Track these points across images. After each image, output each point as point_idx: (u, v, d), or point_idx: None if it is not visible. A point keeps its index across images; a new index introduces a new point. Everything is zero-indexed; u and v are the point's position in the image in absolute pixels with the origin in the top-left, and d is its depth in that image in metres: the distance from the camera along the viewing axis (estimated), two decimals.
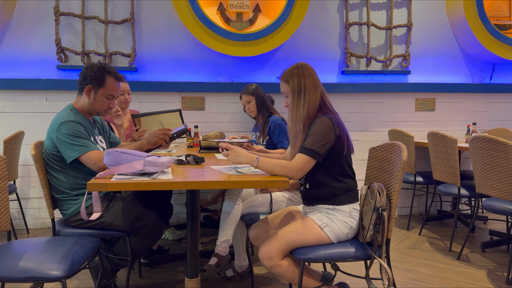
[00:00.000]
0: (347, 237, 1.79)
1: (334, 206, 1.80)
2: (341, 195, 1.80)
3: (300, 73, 1.83)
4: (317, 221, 1.77)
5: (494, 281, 2.54)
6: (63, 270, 1.53)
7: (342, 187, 1.81)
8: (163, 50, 3.83)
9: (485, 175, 2.63)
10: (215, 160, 2.12)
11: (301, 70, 1.84)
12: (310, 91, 1.81)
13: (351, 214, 1.79)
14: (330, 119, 1.76)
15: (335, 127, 1.75)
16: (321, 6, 4.03)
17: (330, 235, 1.75)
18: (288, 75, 1.85)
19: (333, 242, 1.77)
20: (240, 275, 2.55)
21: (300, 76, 1.82)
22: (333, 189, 1.80)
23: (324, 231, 1.75)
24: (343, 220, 1.78)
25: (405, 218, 4.03)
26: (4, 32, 3.60)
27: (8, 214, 1.86)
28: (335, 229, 1.76)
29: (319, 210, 1.83)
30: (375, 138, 4.15)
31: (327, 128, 1.73)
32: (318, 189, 1.83)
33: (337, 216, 1.78)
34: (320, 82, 1.88)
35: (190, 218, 1.84)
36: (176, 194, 3.83)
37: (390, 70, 4.15)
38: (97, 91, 2.04)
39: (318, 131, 1.72)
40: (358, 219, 1.80)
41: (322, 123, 1.74)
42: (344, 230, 1.77)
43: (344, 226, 1.77)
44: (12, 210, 3.62)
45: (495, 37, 4.02)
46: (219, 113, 3.92)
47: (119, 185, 1.45)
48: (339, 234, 1.76)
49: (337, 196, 1.80)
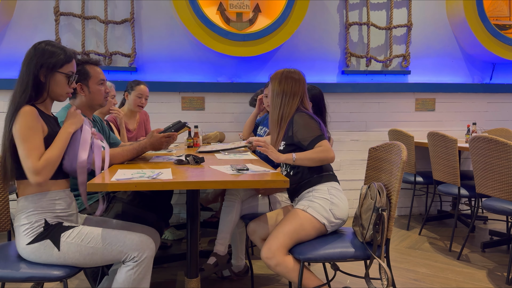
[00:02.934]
0: (333, 214, 1.83)
1: (312, 187, 1.90)
2: (316, 176, 1.91)
3: (283, 77, 1.98)
4: (300, 206, 1.86)
5: (494, 281, 2.54)
6: (64, 270, 1.53)
7: (315, 170, 1.92)
8: (163, 50, 3.83)
9: (485, 175, 2.63)
10: (215, 160, 2.12)
11: (284, 74, 1.99)
12: (287, 96, 1.96)
13: (330, 191, 1.88)
14: (305, 113, 1.93)
15: (311, 116, 1.93)
16: (321, 6, 4.03)
17: (315, 214, 1.80)
18: (272, 76, 2.01)
19: (322, 222, 1.80)
20: (236, 275, 2.56)
21: (282, 80, 1.97)
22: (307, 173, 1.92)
23: (308, 212, 1.81)
24: (323, 197, 1.85)
25: (405, 218, 4.03)
26: (4, 32, 3.60)
27: (8, 214, 1.86)
28: (317, 207, 1.82)
29: (301, 198, 1.93)
30: (375, 138, 4.15)
31: (306, 117, 1.91)
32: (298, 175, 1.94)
33: (315, 195, 1.87)
34: (302, 89, 1.99)
35: (190, 218, 1.84)
36: (176, 194, 3.83)
37: (390, 70, 4.15)
38: (88, 84, 2.01)
39: (304, 124, 1.89)
40: (342, 198, 1.89)
41: (302, 116, 1.92)
42: (326, 206, 1.83)
43: (325, 203, 1.84)
44: (12, 210, 3.63)
45: (495, 37, 4.02)
46: (219, 113, 3.92)
47: (119, 185, 1.45)
48: (322, 211, 1.82)
49: (312, 177, 1.91)
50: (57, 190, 1.60)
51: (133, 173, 1.61)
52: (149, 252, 1.60)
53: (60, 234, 1.54)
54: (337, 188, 1.92)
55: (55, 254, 1.53)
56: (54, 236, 1.53)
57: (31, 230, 1.53)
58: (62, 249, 1.53)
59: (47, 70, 1.60)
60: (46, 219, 1.55)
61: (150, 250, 1.60)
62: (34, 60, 1.59)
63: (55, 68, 1.62)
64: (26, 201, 1.56)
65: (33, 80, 1.58)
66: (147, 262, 1.58)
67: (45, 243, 1.53)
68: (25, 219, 1.54)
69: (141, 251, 1.57)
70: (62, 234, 1.54)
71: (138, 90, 3.05)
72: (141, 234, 1.63)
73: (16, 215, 1.59)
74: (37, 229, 1.53)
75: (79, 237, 1.55)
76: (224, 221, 2.39)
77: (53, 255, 1.53)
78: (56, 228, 1.55)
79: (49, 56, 1.61)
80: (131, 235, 1.60)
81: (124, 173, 1.60)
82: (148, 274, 1.60)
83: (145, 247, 1.59)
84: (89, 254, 1.55)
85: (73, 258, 1.54)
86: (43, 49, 1.62)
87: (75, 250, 1.53)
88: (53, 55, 1.62)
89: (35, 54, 1.61)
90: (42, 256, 1.53)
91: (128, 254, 1.56)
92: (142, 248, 1.58)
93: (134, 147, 1.97)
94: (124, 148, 1.95)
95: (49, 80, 1.61)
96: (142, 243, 1.59)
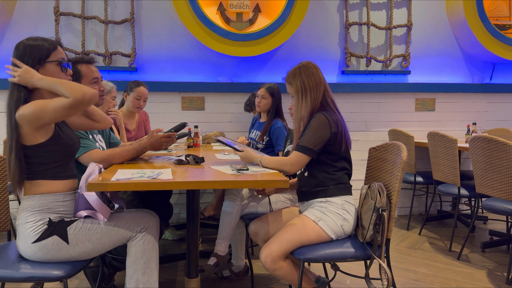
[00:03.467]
0: (343, 230, 1.80)
1: (326, 198, 1.83)
2: (332, 187, 1.84)
3: (302, 73, 1.89)
4: (311, 216, 1.80)
5: (494, 281, 2.54)
6: (64, 269, 1.53)
7: (333, 179, 1.85)
8: (163, 50, 3.83)
9: (485, 175, 2.63)
10: (215, 160, 2.12)
11: (303, 70, 1.90)
12: (312, 90, 1.88)
13: (344, 206, 1.82)
14: (326, 116, 1.82)
15: (331, 124, 1.81)
16: (321, 6, 4.03)
17: (325, 228, 1.77)
18: (291, 77, 1.92)
19: (330, 236, 1.78)
20: (236, 275, 2.56)
21: (303, 76, 1.88)
22: (324, 180, 1.84)
23: (319, 225, 1.77)
24: (336, 212, 1.80)
25: (405, 218, 4.03)
26: (4, 32, 3.60)
27: (8, 214, 1.86)
28: (329, 222, 1.78)
29: (313, 205, 1.87)
30: (375, 138, 4.15)
31: (322, 125, 1.80)
32: (312, 179, 1.87)
33: (329, 208, 1.81)
34: (323, 78, 1.93)
35: (190, 218, 1.84)
36: (176, 194, 3.83)
37: (390, 70, 4.15)
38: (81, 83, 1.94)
39: (313, 129, 1.80)
40: (353, 213, 1.83)
41: (318, 120, 1.81)
42: (338, 222, 1.79)
43: (337, 218, 1.79)
44: (12, 210, 3.63)
45: (495, 37, 4.02)
46: (219, 113, 3.92)
47: (119, 185, 1.45)
48: (334, 226, 1.78)
49: (328, 188, 1.84)
50: (65, 192, 1.62)
51: (133, 173, 1.61)
52: (153, 222, 1.70)
53: (66, 228, 1.56)
54: (351, 202, 1.86)
55: (64, 248, 1.54)
56: (60, 231, 1.55)
57: (36, 228, 1.54)
58: (71, 241, 1.55)
59: (38, 65, 1.56)
60: (51, 217, 1.57)
61: (153, 221, 1.71)
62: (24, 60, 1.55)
63: (42, 59, 1.57)
64: (32, 200, 1.56)
65: None
66: (154, 232, 1.68)
67: (53, 239, 1.53)
68: (30, 217, 1.55)
69: (146, 223, 1.67)
70: (68, 228, 1.56)
71: (137, 92, 3.03)
72: (142, 211, 1.76)
73: (19, 213, 1.59)
74: (42, 227, 1.54)
75: (85, 227, 1.58)
76: (224, 221, 2.39)
77: (62, 250, 1.54)
78: (60, 224, 1.57)
79: (32, 49, 1.56)
80: (133, 213, 1.72)
81: (124, 173, 1.60)
82: (156, 246, 1.68)
83: (148, 220, 1.69)
84: (98, 239, 1.59)
85: (82, 247, 1.57)
86: (24, 46, 1.57)
87: (84, 239, 1.57)
88: (36, 48, 1.57)
89: (18, 54, 1.56)
90: (49, 253, 1.54)
91: (134, 228, 1.64)
92: (146, 220, 1.68)
93: (134, 147, 1.97)
94: (124, 148, 1.94)
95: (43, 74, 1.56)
96: (145, 217, 1.70)
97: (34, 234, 1.53)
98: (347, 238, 1.83)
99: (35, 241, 1.53)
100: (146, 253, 1.64)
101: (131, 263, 1.64)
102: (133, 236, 1.65)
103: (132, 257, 1.64)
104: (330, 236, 1.77)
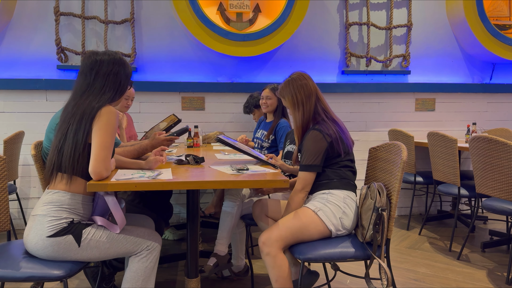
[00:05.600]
0: (341, 223, 1.81)
1: (329, 190, 1.88)
2: (336, 180, 1.89)
3: (292, 87, 1.98)
4: (311, 206, 1.84)
5: (494, 281, 2.54)
6: (64, 269, 1.53)
7: (337, 173, 1.90)
8: (163, 50, 3.83)
9: (485, 175, 2.63)
10: (215, 160, 2.12)
11: (292, 83, 1.99)
12: (304, 102, 1.97)
13: (345, 200, 1.85)
14: (319, 131, 1.88)
15: (325, 136, 1.87)
16: (321, 6, 4.03)
17: (324, 219, 1.79)
18: (283, 91, 2.02)
19: (329, 228, 1.79)
20: (236, 275, 2.56)
21: (293, 90, 1.97)
22: (328, 174, 1.90)
23: (318, 215, 1.79)
24: (336, 203, 1.83)
25: (405, 218, 4.03)
26: (4, 32, 3.60)
27: (8, 214, 1.86)
28: (328, 212, 1.80)
29: (315, 197, 1.91)
30: (375, 138, 4.15)
31: (317, 141, 1.87)
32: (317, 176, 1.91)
33: (330, 199, 1.84)
34: (313, 87, 2.00)
35: (190, 218, 1.84)
36: (176, 194, 3.83)
37: (390, 70, 4.15)
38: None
39: (310, 146, 1.87)
40: (354, 209, 1.85)
41: (312, 137, 1.88)
42: (337, 214, 1.81)
43: (337, 210, 1.81)
44: (12, 210, 3.62)
45: (495, 37, 4.02)
46: (219, 113, 3.92)
47: (119, 185, 1.45)
48: (332, 218, 1.80)
49: (331, 181, 1.89)
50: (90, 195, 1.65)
51: (133, 173, 1.61)
52: (159, 243, 1.71)
53: (81, 231, 1.57)
54: (353, 198, 1.88)
55: (73, 250, 1.55)
56: (76, 232, 1.56)
57: (56, 224, 1.54)
58: (82, 245, 1.56)
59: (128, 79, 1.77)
60: (74, 218, 1.58)
61: (159, 242, 1.72)
62: (121, 69, 1.72)
63: (129, 76, 1.78)
64: (63, 197, 1.58)
65: (119, 84, 1.71)
66: (157, 251, 1.69)
67: (67, 238, 1.54)
68: (54, 212, 1.55)
69: (153, 242, 1.68)
70: (84, 231, 1.57)
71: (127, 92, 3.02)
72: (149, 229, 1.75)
73: (41, 205, 1.59)
74: (62, 225, 1.55)
75: (97, 234, 1.59)
76: (224, 221, 2.39)
77: (71, 251, 1.55)
78: (78, 225, 1.58)
79: (127, 66, 1.77)
80: (142, 229, 1.71)
81: (124, 173, 1.61)
82: (156, 265, 1.69)
83: (155, 239, 1.70)
84: (106, 249, 1.60)
85: (90, 253, 1.58)
86: (123, 60, 1.76)
87: (93, 246, 1.58)
88: (128, 66, 1.78)
89: (116, 63, 1.72)
90: (59, 251, 1.54)
91: (142, 245, 1.65)
92: (153, 239, 1.69)
93: (135, 148, 1.98)
94: (125, 149, 1.95)
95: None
96: (153, 234, 1.71)
97: (51, 229, 1.54)
98: (346, 237, 1.84)
99: (51, 235, 1.53)
100: (147, 271, 1.65)
101: (130, 278, 1.64)
102: (138, 252, 1.65)
103: (133, 272, 1.64)
104: (329, 227, 1.79)
